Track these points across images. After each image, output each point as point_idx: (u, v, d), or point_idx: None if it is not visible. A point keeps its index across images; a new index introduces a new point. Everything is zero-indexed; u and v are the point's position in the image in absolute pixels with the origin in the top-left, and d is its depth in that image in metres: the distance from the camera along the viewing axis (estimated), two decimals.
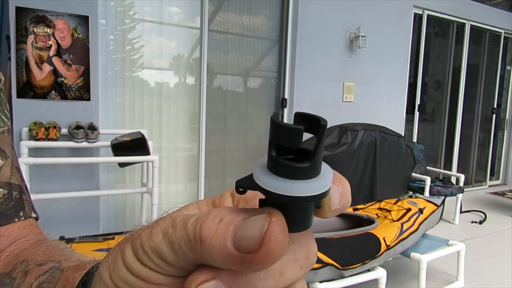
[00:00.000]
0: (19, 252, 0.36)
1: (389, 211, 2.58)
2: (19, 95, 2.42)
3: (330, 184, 0.18)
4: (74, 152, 2.60)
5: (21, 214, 0.40)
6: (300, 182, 0.17)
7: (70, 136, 2.46)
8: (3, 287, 0.33)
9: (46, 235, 0.41)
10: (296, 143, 0.17)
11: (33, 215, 0.42)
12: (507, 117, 6.03)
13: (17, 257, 0.35)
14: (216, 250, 0.16)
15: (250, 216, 0.17)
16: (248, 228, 0.16)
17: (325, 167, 0.18)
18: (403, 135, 4.19)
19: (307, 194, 0.17)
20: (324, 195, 0.18)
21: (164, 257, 0.18)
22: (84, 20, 2.57)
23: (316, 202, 0.18)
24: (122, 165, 2.69)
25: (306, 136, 0.18)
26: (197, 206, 0.23)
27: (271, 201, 0.18)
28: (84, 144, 2.46)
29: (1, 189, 0.39)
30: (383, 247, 2.15)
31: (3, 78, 0.43)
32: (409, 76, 4.55)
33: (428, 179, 3.77)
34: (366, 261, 2.05)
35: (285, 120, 3.35)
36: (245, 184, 0.18)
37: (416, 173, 4.02)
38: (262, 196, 0.18)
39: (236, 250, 0.16)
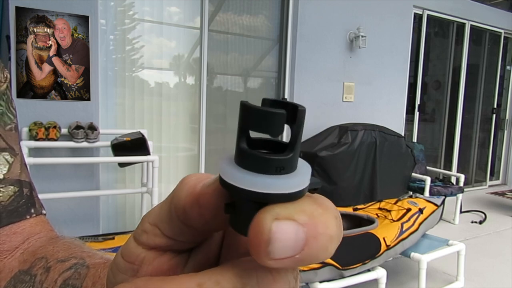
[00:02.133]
0: (35, 250, 0.36)
1: (389, 211, 2.58)
2: (19, 95, 2.42)
3: (305, 184, 0.15)
4: (74, 152, 2.60)
5: (32, 211, 0.40)
6: (269, 177, 0.14)
7: (70, 136, 2.46)
8: (23, 284, 0.33)
9: (57, 232, 0.41)
10: (277, 131, 0.15)
11: (44, 211, 0.42)
12: (507, 117, 6.03)
13: (33, 255, 0.35)
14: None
15: None
16: None
17: (303, 164, 0.16)
18: (403, 135, 4.19)
19: (274, 191, 0.14)
20: (292, 195, 0.15)
21: (162, 218, 0.18)
22: (84, 20, 2.57)
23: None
24: (122, 165, 2.69)
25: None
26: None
27: (235, 199, 0.16)
28: (84, 144, 2.46)
29: (12, 187, 0.39)
30: (383, 247, 2.15)
31: (9, 76, 0.43)
32: (409, 76, 4.55)
33: (428, 179, 3.77)
34: (366, 261, 2.05)
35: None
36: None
37: (416, 173, 4.02)
38: None
39: None
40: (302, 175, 0.15)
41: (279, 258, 0.13)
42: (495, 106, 5.79)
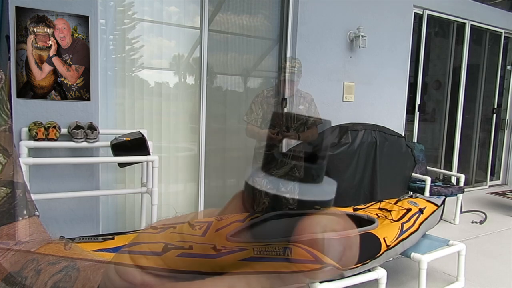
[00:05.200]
0: (26, 251, 0.36)
1: (389, 211, 2.58)
2: (19, 95, 2.42)
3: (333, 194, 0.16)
4: (74, 152, 2.60)
5: (25, 212, 0.40)
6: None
7: (70, 136, 2.45)
8: (13, 286, 0.33)
9: (49, 234, 0.41)
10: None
11: (37, 213, 0.42)
12: (507, 117, 6.02)
13: (25, 256, 0.35)
14: None
15: None
16: None
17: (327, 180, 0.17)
18: (403, 135, 4.19)
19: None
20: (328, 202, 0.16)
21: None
22: (84, 20, 2.57)
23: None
24: (122, 165, 2.69)
25: None
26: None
27: None
28: (84, 144, 2.46)
29: (5, 188, 0.39)
30: (383, 247, 2.15)
31: (3, 77, 0.43)
32: (409, 76, 4.54)
33: (428, 179, 3.76)
34: (367, 261, 2.05)
35: None
36: None
37: (416, 173, 4.01)
38: None
39: None
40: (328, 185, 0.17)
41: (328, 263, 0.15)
42: (495, 106, 5.78)
